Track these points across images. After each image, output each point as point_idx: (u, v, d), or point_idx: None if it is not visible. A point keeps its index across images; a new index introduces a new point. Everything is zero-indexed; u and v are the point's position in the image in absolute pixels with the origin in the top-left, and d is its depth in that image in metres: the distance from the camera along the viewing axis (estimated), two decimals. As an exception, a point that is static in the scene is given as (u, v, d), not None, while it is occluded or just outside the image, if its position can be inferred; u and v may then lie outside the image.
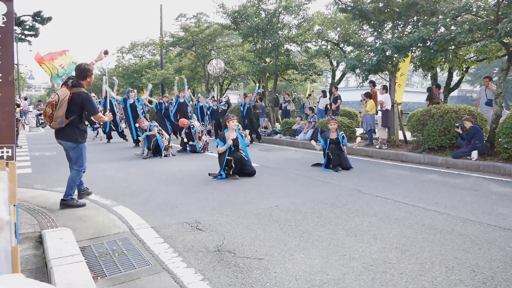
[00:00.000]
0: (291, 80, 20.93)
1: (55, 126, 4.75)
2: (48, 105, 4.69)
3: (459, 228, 4.01)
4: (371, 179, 6.87)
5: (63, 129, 4.82)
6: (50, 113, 4.68)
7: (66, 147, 4.96)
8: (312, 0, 15.60)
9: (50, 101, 4.68)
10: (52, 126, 4.77)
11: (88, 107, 4.86)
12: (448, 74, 13.94)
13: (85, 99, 4.82)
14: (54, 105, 4.64)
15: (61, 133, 4.86)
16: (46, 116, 4.75)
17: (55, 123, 4.72)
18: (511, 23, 7.39)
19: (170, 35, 23.62)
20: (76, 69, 4.92)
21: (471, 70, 42.52)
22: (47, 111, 4.70)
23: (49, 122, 4.76)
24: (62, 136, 4.87)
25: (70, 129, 4.83)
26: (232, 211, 4.73)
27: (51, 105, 4.65)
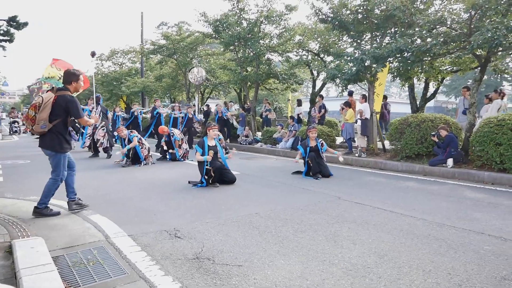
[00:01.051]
0: (272, 89, 21.06)
1: (37, 130, 4.58)
2: (31, 108, 4.54)
3: (436, 233, 4.08)
4: (350, 187, 6.94)
5: (44, 136, 4.67)
6: (32, 116, 4.53)
7: (45, 154, 4.82)
8: (293, 11, 15.78)
9: (34, 103, 4.55)
10: (35, 129, 4.59)
11: (73, 110, 4.71)
12: (424, 85, 14.28)
13: (70, 102, 4.69)
14: (37, 107, 4.50)
15: (42, 140, 4.72)
16: (28, 119, 4.59)
17: (37, 127, 4.55)
18: (482, 36, 7.65)
19: (151, 43, 23.47)
20: (67, 74, 4.84)
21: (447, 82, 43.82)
22: (29, 114, 4.55)
23: (31, 125, 4.58)
24: (42, 143, 4.73)
25: (51, 137, 4.67)
26: (212, 219, 4.69)
27: (34, 107, 4.51)
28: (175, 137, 10.71)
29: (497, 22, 7.87)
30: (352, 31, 11.52)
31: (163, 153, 11.02)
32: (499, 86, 50.77)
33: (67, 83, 4.80)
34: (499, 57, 10.04)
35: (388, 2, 9.93)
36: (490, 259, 3.34)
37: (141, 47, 25.82)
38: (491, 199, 5.89)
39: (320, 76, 18.17)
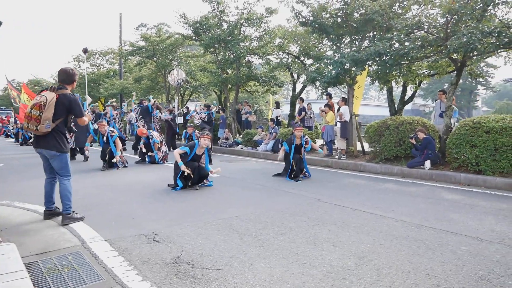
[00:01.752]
0: (252, 92, 21.07)
1: (42, 130, 4.36)
2: (34, 107, 4.32)
3: (414, 234, 4.12)
4: (330, 189, 6.97)
5: (45, 137, 4.47)
6: (37, 115, 4.31)
7: (48, 156, 4.57)
8: (273, 13, 15.85)
9: (37, 102, 4.32)
10: (39, 130, 4.35)
11: (76, 109, 4.57)
12: (402, 88, 14.58)
13: (74, 100, 4.55)
14: (42, 106, 4.30)
15: (43, 141, 4.49)
16: (32, 119, 4.33)
17: (42, 127, 4.34)
18: (458, 40, 7.83)
19: (130, 44, 23.18)
20: (62, 73, 4.61)
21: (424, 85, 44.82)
22: (33, 114, 4.32)
23: (35, 126, 4.34)
24: (44, 144, 4.49)
25: (53, 136, 4.49)
26: (192, 222, 4.62)
27: (38, 106, 4.30)
28: (154, 139, 10.56)
29: (472, 27, 8.08)
30: (331, 35, 11.63)
31: (141, 156, 10.84)
32: (474, 90, 52.28)
33: (69, 82, 4.62)
34: (474, 61, 10.31)
35: (367, 6, 10.07)
36: (467, 259, 3.39)
37: (119, 48, 25.47)
38: (468, 200, 6.01)
39: (300, 78, 18.30)
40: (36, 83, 34.53)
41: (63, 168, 4.62)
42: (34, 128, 4.37)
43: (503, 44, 7.73)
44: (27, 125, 4.40)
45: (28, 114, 4.36)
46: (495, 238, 4.01)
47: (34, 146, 4.64)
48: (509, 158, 7.29)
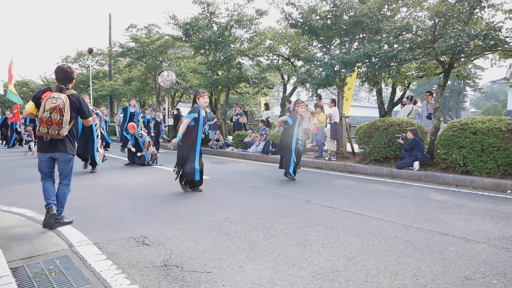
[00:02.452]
0: (243, 93, 21.08)
1: (63, 134, 4.23)
2: (54, 111, 4.11)
3: (402, 235, 4.16)
4: (320, 190, 7.00)
5: (62, 140, 4.34)
6: (58, 119, 4.13)
7: (63, 160, 4.44)
8: (264, 15, 15.88)
9: (55, 106, 4.12)
10: (61, 134, 4.21)
11: (86, 109, 4.49)
12: (391, 90, 14.68)
13: (83, 101, 4.47)
14: (62, 109, 4.14)
15: (61, 144, 4.34)
16: (53, 124, 4.12)
17: (63, 131, 4.20)
18: (446, 42, 7.93)
19: (120, 46, 23.03)
20: (60, 71, 4.38)
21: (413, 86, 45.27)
22: (54, 118, 4.12)
23: (57, 130, 4.16)
24: (61, 148, 4.34)
25: (69, 140, 4.43)
26: (181, 225, 4.60)
27: (59, 109, 4.13)
28: (144, 138, 10.49)
29: (459, 30, 8.18)
30: (321, 36, 11.69)
31: (130, 159, 10.76)
32: (462, 91, 52.93)
33: (66, 81, 4.42)
34: (462, 63, 10.44)
35: (356, 8, 10.15)
36: (454, 259, 3.44)
37: (109, 49, 25.29)
38: (455, 201, 6.08)
39: (290, 80, 18.35)
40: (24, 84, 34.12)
41: (70, 171, 4.60)
42: (56, 133, 4.18)
43: (489, 46, 7.85)
44: (46, 131, 4.14)
45: (47, 118, 4.11)
46: (481, 238, 4.07)
47: (45, 151, 4.35)
48: (495, 158, 7.40)
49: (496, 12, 8.92)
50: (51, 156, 4.38)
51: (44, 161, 4.42)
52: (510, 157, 7.31)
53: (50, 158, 4.40)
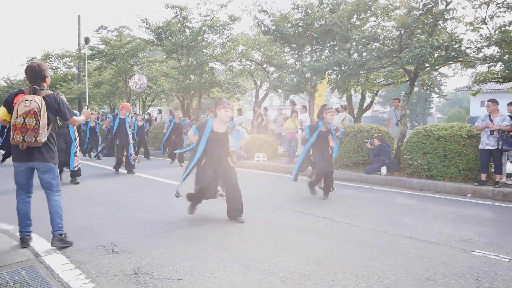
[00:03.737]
0: (216, 98, 21.07)
1: (41, 141, 3.74)
2: (29, 116, 3.63)
3: (369, 239, 4.32)
4: (291, 196, 7.12)
5: (40, 148, 3.84)
6: (34, 125, 3.66)
7: (43, 170, 3.95)
8: (237, 21, 16.00)
9: (29, 109, 3.64)
10: (39, 141, 3.72)
11: (66, 109, 4.03)
12: (361, 96, 15.09)
13: (61, 101, 4.01)
14: (37, 113, 3.67)
15: (38, 153, 3.84)
16: (29, 131, 3.65)
17: (41, 137, 3.73)
18: (411, 52, 8.26)
19: (89, 48, 22.55)
20: (29, 71, 3.90)
21: (382, 93, 46.53)
22: (29, 124, 3.64)
23: (34, 137, 3.68)
24: (39, 157, 3.86)
25: (48, 147, 3.93)
26: (152, 232, 4.59)
27: (33, 113, 3.65)
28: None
29: (423, 40, 8.55)
30: (293, 44, 11.90)
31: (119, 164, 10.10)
32: (428, 98, 54.78)
33: (38, 81, 3.93)
34: (426, 72, 10.88)
35: (326, 18, 10.40)
36: (417, 261, 3.60)
37: (77, 51, 24.71)
38: (420, 205, 6.33)
39: (263, 86, 18.50)
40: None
41: (55, 181, 4.09)
42: (32, 140, 3.70)
43: (451, 57, 8.24)
44: (22, 138, 3.66)
45: (21, 125, 3.64)
46: (442, 241, 4.27)
47: (22, 160, 3.86)
48: (457, 164, 7.75)
49: (458, 24, 9.39)
50: (29, 166, 3.91)
51: (21, 171, 3.94)
52: (470, 162, 7.68)
53: (28, 168, 3.92)
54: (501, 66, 8.68)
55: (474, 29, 9.19)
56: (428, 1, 8.71)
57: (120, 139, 9.86)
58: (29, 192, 4.11)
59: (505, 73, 8.78)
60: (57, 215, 4.03)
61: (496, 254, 3.83)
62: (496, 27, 8.72)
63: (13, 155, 3.93)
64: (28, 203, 4.10)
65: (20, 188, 4.03)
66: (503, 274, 3.32)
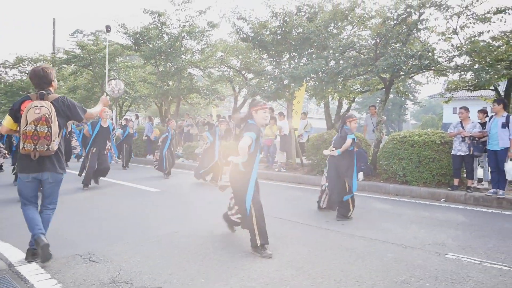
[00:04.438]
0: (194, 104, 20.99)
1: (54, 149, 3.55)
2: (40, 122, 3.42)
3: (347, 244, 4.39)
4: (270, 201, 7.13)
5: (51, 157, 3.63)
6: (46, 132, 3.45)
7: (52, 182, 3.73)
8: (215, 28, 16.04)
9: (39, 116, 3.42)
10: (52, 149, 3.53)
11: (77, 109, 3.80)
12: (338, 103, 15.33)
13: (71, 101, 3.79)
14: (48, 119, 3.46)
15: (49, 162, 3.64)
16: (41, 138, 3.44)
17: (54, 145, 3.52)
18: (386, 61, 8.48)
19: (64, 52, 22.11)
20: (34, 76, 3.66)
21: (359, 100, 47.38)
22: (40, 131, 3.43)
23: (47, 145, 3.48)
24: (51, 167, 3.65)
25: (59, 156, 3.71)
26: (130, 240, 4.53)
27: (45, 120, 3.43)
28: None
29: (398, 49, 8.79)
30: (271, 51, 12.01)
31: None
32: (403, 105, 56.14)
33: (44, 86, 3.69)
34: (401, 80, 11.18)
35: (304, 26, 10.56)
36: (393, 265, 3.69)
37: (52, 55, 24.18)
38: (395, 210, 6.49)
39: (241, 92, 18.57)
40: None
41: (57, 193, 3.92)
42: (45, 149, 3.49)
43: (424, 66, 8.51)
44: (33, 147, 3.44)
45: (31, 132, 3.42)
46: (417, 245, 4.39)
47: (31, 171, 3.61)
48: (431, 169, 7.98)
49: (431, 34, 9.71)
50: (37, 177, 3.67)
51: (28, 183, 3.68)
52: (444, 167, 7.92)
53: (36, 179, 3.68)
54: (471, 75, 9.01)
55: (446, 39, 9.53)
56: (402, 12, 8.97)
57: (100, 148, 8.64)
58: (36, 203, 3.84)
59: (475, 82, 9.12)
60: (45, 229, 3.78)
61: (468, 256, 3.97)
62: (466, 37, 9.08)
63: (21, 166, 3.65)
64: (36, 210, 3.82)
65: (27, 200, 3.74)
66: (475, 276, 3.44)
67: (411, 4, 8.81)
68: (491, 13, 8.65)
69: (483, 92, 11.77)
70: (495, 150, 7.13)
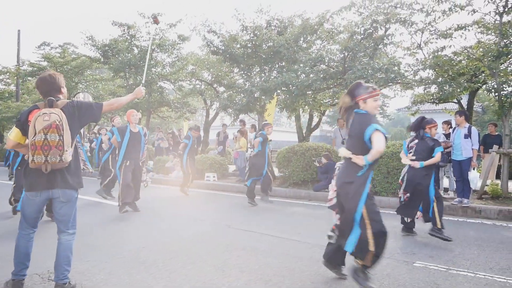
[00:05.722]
0: (165, 117, 20.74)
1: (67, 160, 3.09)
2: (50, 130, 2.99)
3: (317, 255, 4.36)
4: (241, 215, 7.07)
5: (63, 171, 3.18)
6: (58, 140, 3.01)
7: (63, 200, 3.23)
8: (186, 41, 15.99)
9: (49, 123, 3.00)
10: (65, 160, 3.07)
11: (90, 108, 3.35)
12: (309, 116, 15.51)
13: (81, 101, 3.37)
14: (59, 127, 3.03)
15: (61, 177, 3.18)
16: (52, 148, 3.00)
17: (67, 155, 3.07)
18: (354, 74, 8.68)
19: (29, 64, 21.46)
20: (41, 84, 3.25)
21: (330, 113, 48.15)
22: (51, 140, 2.99)
23: (59, 156, 3.03)
24: (61, 183, 3.18)
25: (72, 168, 3.25)
26: (94, 256, 4.33)
27: (55, 127, 3.01)
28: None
29: (365, 63, 9.02)
30: (242, 64, 12.06)
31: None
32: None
33: (56, 91, 3.28)
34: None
35: (274, 39, 10.69)
36: (362, 275, 3.67)
37: (16, 68, 23.40)
38: (365, 220, 6.52)
39: (213, 105, 18.51)
40: None
41: (74, 214, 3.37)
42: (57, 160, 3.04)
43: (390, 79, 8.75)
44: (44, 159, 3.00)
45: (41, 142, 2.98)
46: (386, 254, 4.37)
47: (41, 188, 3.17)
48: (399, 180, 8.12)
49: (397, 49, 10.04)
50: (48, 196, 3.21)
51: (35, 202, 3.23)
52: (411, 178, 8.07)
53: (45, 198, 3.23)
54: (435, 88, 9.35)
55: (411, 53, 9.88)
56: (369, 27, 9.25)
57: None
58: (35, 227, 3.42)
59: (439, 95, 9.45)
60: (66, 259, 3.32)
61: (435, 264, 4.02)
62: (430, 52, 9.43)
63: (29, 182, 3.20)
64: (32, 240, 3.42)
65: (26, 222, 3.34)
66: (442, 283, 3.48)
67: (377, 19, 9.10)
68: (453, 29, 9.04)
69: (447, 105, 12.20)
70: (459, 160, 7.35)
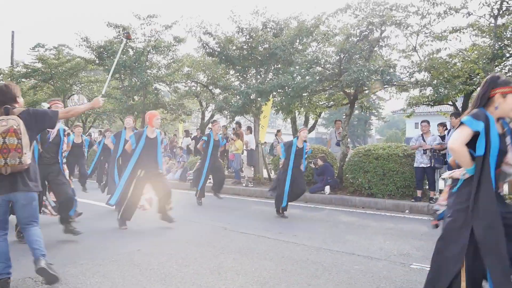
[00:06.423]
0: (161, 119, 20.67)
1: (26, 163, 3.20)
2: (8, 134, 3.10)
3: (313, 257, 4.34)
4: (237, 217, 7.04)
5: (22, 174, 3.29)
6: (16, 144, 3.12)
7: (24, 202, 3.33)
8: (182, 42, 15.94)
9: (7, 128, 3.11)
10: (24, 163, 3.17)
11: (44, 115, 3.46)
12: (304, 118, 15.52)
13: (35, 110, 3.48)
14: (16, 130, 3.13)
15: (21, 180, 3.29)
16: (11, 151, 3.09)
17: (26, 158, 3.18)
18: (350, 76, 8.67)
19: (24, 66, 21.29)
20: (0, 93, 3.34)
21: (325, 115, 48.28)
22: (10, 143, 3.10)
23: (18, 158, 3.13)
24: (21, 186, 3.29)
25: (30, 171, 3.37)
26: (88, 260, 4.28)
27: (13, 131, 3.12)
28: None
29: (361, 65, 9.02)
30: (238, 66, 12.05)
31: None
32: (368, 120, 57.77)
33: (11, 100, 3.36)
34: (365, 95, 11.46)
35: (270, 41, 10.69)
36: (359, 277, 3.66)
37: (10, 69, 23.21)
38: (361, 222, 6.53)
39: (209, 107, 18.48)
40: None
41: (36, 212, 3.53)
42: (17, 162, 3.14)
43: (386, 81, 8.76)
44: (3, 162, 3.09)
45: (0, 146, 3.08)
46: (382, 256, 4.40)
47: (3, 192, 3.26)
48: (395, 181, 8.14)
49: (392, 51, 10.06)
50: (8, 199, 3.30)
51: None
52: (407, 179, 8.10)
53: (6, 201, 3.31)
54: (431, 90, 9.36)
55: (406, 56, 9.90)
56: (364, 29, 9.26)
57: None
58: (5, 229, 3.44)
59: (434, 97, 9.46)
60: (38, 242, 3.45)
61: (431, 266, 4.00)
62: (425, 54, 9.45)
63: None
64: (6, 240, 3.45)
65: None
66: (438, 285, 3.45)
67: (373, 21, 9.11)
68: (447, 32, 9.07)
69: (442, 107, 12.26)
70: (454, 162, 7.36)
